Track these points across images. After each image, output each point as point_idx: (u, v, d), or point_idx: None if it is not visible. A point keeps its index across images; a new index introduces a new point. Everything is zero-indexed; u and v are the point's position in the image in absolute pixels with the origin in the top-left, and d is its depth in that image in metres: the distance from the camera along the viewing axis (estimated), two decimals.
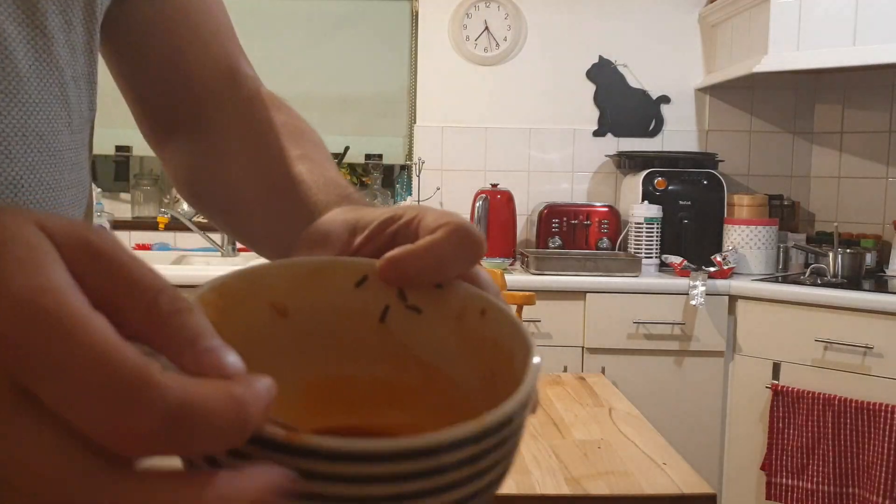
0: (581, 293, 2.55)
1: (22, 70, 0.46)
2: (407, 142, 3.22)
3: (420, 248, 0.37)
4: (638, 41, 3.16)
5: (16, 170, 0.45)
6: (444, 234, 0.37)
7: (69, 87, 0.50)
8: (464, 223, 0.38)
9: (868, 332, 2.26)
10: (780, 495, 2.36)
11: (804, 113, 3.18)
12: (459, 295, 0.37)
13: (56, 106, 0.49)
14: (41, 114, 0.47)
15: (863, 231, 2.99)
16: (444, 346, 0.37)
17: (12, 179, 0.45)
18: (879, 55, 2.46)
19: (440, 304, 0.37)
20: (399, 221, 0.41)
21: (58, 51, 0.48)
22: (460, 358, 0.36)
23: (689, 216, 2.82)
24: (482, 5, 3.13)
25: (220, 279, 0.34)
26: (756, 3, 2.72)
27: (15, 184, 0.45)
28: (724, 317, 2.55)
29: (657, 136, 3.19)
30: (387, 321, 0.37)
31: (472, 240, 0.37)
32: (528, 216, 3.16)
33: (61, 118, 0.49)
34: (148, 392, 0.24)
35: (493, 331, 0.36)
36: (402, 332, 0.37)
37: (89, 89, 0.54)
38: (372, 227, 0.41)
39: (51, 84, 0.48)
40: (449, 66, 3.16)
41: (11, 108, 0.45)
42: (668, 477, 1.01)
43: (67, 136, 0.50)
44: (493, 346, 0.35)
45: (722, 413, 2.59)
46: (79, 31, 0.51)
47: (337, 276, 0.37)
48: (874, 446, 2.19)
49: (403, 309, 0.37)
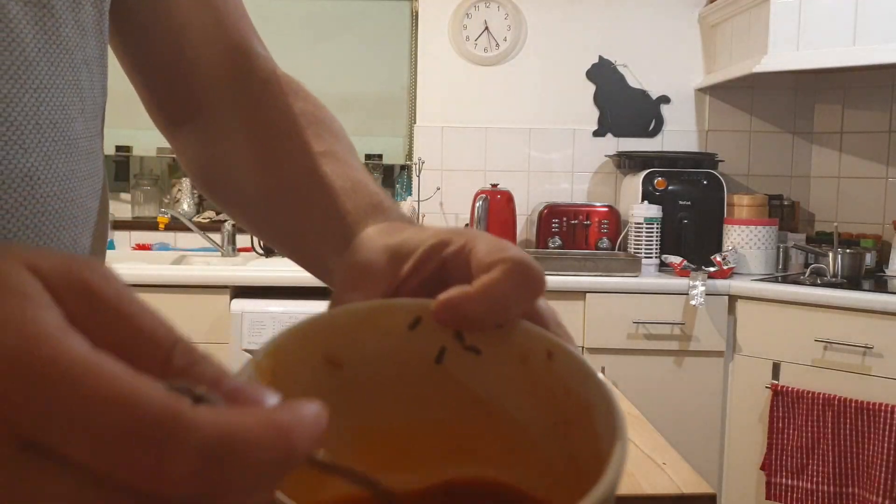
0: (581, 293, 2.55)
1: (30, 53, 0.43)
2: (407, 142, 3.22)
3: (479, 290, 0.34)
4: (638, 41, 3.16)
5: (31, 161, 0.43)
6: (503, 274, 0.34)
7: (80, 70, 0.47)
8: (523, 258, 0.35)
9: (868, 332, 2.26)
10: (780, 495, 2.36)
11: (804, 113, 3.18)
12: (522, 335, 0.35)
13: (68, 91, 0.46)
14: (53, 100, 0.45)
15: (863, 231, 2.99)
16: (507, 387, 0.35)
17: (27, 171, 0.43)
18: (879, 55, 2.46)
19: (501, 344, 0.35)
20: (447, 249, 0.38)
21: (66, 32, 0.46)
22: (526, 401, 0.35)
23: (688, 216, 2.82)
24: (482, 5, 3.13)
25: (274, 342, 0.33)
26: (756, 3, 2.72)
27: (30, 175, 0.43)
28: (724, 317, 2.55)
29: (657, 136, 3.19)
30: (444, 363, 0.35)
31: (533, 277, 0.35)
32: (528, 216, 3.16)
33: (74, 104, 0.47)
34: (180, 429, 0.22)
35: (563, 376, 0.34)
36: (460, 373, 0.35)
37: (101, 73, 0.51)
38: (418, 256, 0.39)
39: (61, 68, 0.45)
40: (449, 66, 3.16)
41: (22, 94, 0.42)
42: (668, 477, 1.01)
43: (81, 124, 0.48)
44: (564, 393, 0.34)
45: (722, 413, 2.59)
46: (87, 10, 0.48)
47: (390, 319, 0.35)
48: (874, 446, 2.19)
49: (461, 350, 0.35)
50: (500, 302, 0.34)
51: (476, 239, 0.38)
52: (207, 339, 2.53)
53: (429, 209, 3.16)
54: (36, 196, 0.43)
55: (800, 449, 2.33)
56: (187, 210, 3.16)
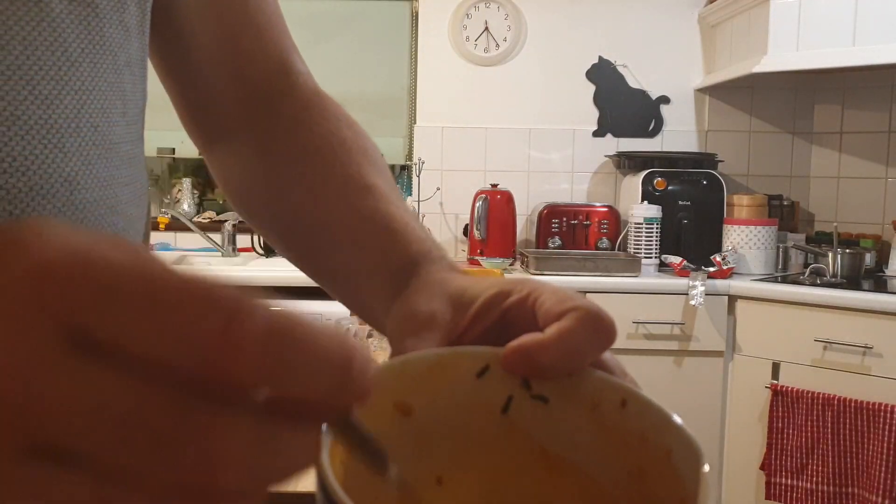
0: (581, 293, 2.55)
1: (73, 52, 0.42)
2: (407, 142, 3.22)
3: (552, 338, 0.34)
4: (638, 41, 3.16)
5: (70, 165, 0.41)
6: (575, 323, 0.35)
7: (123, 72, 0.46)
8: (594, 308, 0.35)
9: (867, 331, 2.27)
10: (780, 495, 2.36)
11: (804, 113, 3.18)
12: (592, 383, 0.35)
13: (110, 94, 0.45)
14: (94, 102, 0.43)
15: (862, 231, 2.99)
16: (576, 438, 0.35)
17: (67, 175, 0.41)
18: (879, 55, 2.46)
19: (570, 393, 0.35)
20: (509, 299, 0.39)
21: (110, 32, 0.44)
22: (597, 451, 0.35)
23: (688, 216, 2.82)
24: (482, 6, 3.13)
25: None
26: (756, 4, 2.73)
27: (70, 180, 0.41)
28: (724, 317, 2.55)
29: (657, 137, 3.19)
30: (509, 413, 0.35)
31: (606, 327, 0.35)
32: (527, 216, 3.16)
33: (115, 107, 0.45)
34: (247, 305, 0.21)
35: (637, 424, 0.34)
36: (526, 423, 0.35)
37: (142, 76, 0.50)
38: (480, 304, 0.39)
39: (104, 69, 0.44)
40: (449, 67, 3.16)
41: (63, 95, 0.41)
42: None
43: (122, 128, 0.46)
44: (640, 441, 0.34)
45: (721, 413, 2.59)
46: (132, 9, 0.47)
47: (458, 367, 0.35)
48: (874, 446, 2.20)
49: (528, 399, 0.35)
50: (573, 350, 0.34)
51: (541, 289, 0.38)
52: None
53: (429, 209, 3.16)
54: (75, 202, 0.43)
55: (799, 449, 2.33)
56: (187, 210, 3.16)
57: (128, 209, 0.47)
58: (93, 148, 0.43)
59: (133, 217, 0.48)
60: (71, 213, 0.42)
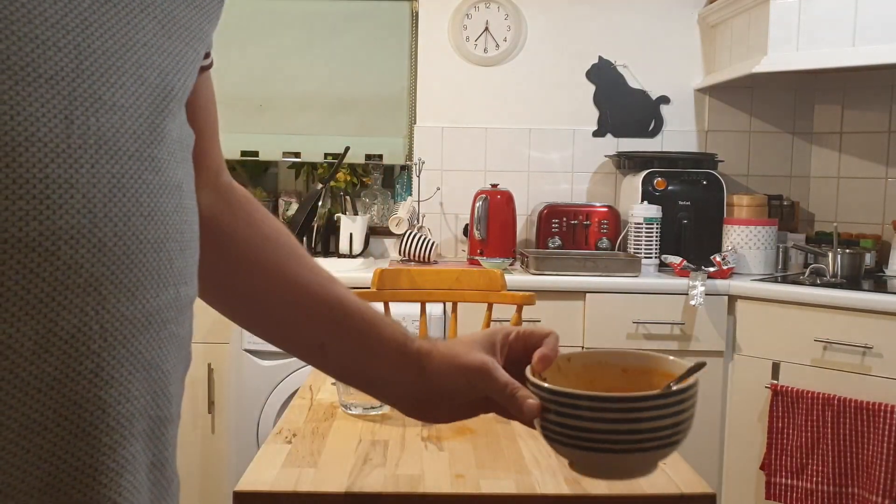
0: (581, 293, 2.56)
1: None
2: (407, 142, 3.22)
3: (552, 350, 0.69)
4: (638, 41, 3.16)
5: (178, 174, 0.57)
6: (553, 339, 0.70)
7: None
8: (552, 330, 0.72)
9: (867, 331, 2.27)
10: (780, 495, 2.36)
11: (804, 113, 3.18)
12: (610, 357, 0.74)
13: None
14: (189, 136, 0.61)
15: (862, 231, 2.99)
16: (617, 378, 0.73)
17: (177, 182, 0.56)
18: (879, 56, 2.46)
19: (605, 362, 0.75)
20: (510, 337, 0.72)
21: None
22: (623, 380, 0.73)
23: (688, 216, 2.82)
24: (482, 6, 3.13)
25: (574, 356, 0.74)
26: (756, 4, 2.73)
27: (179, 186, 0.56)
28: (724, 317, 2.55)
29: (657, 137, 3.19)
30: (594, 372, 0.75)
31: (557, 336, 0.72)
32: (527, 216, 3.17)
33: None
34: None
35: (647, 364, 0.72)
36: (604, 378, 0.74)
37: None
38: (500, 347, 0.71)
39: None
40: (449, 67, 3.17)
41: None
42: (668, 477, 1.01)
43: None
44: (660, 374, 0.71)
45: (721, 413, 2.59)
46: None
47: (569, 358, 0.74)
48: (873, 446, 2.20)
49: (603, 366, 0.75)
50: (557, 350, 0.69)
51: (513, 329, 0.73)
52: (207, 340, 2.53)
53: (429, 209, 3.16)
54: (182, 205, 0.56)
55: (799, 449, 2.33)
56: None
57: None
58: (189, 164, 0.60)
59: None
60: (179, 215, 0.56)
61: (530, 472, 1.03)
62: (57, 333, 0.47)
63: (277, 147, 3.16)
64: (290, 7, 3.16)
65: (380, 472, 1.02)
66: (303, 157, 3.19)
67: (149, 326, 0.53)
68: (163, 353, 0.55)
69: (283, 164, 3.28)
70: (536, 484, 0.99)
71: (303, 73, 3.17)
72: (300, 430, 1.20)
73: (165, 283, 0.54)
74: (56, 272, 0.46)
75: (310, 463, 1.05)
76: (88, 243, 0.48)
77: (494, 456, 1.09)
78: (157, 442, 0.56)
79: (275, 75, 3.14)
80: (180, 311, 0.57)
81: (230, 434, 2.55)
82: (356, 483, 0.98)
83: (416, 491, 0.97)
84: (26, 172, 0.45)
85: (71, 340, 0.47)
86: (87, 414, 0.49)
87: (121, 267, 0.50)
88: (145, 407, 0.53)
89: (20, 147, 0.45)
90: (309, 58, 3.17)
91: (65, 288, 0.47)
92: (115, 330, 0.50)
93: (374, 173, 3.28)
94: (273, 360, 2.48)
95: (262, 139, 3.16)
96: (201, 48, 0.60)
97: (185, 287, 0.57)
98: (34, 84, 0.46)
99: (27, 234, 0.45)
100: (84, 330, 0.48)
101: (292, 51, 3.16)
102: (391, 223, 3.00)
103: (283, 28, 3.15)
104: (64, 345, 0.47)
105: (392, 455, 1.09)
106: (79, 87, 0.48)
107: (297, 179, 3.30)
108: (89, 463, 0.49)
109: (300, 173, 3.28)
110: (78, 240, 0.47)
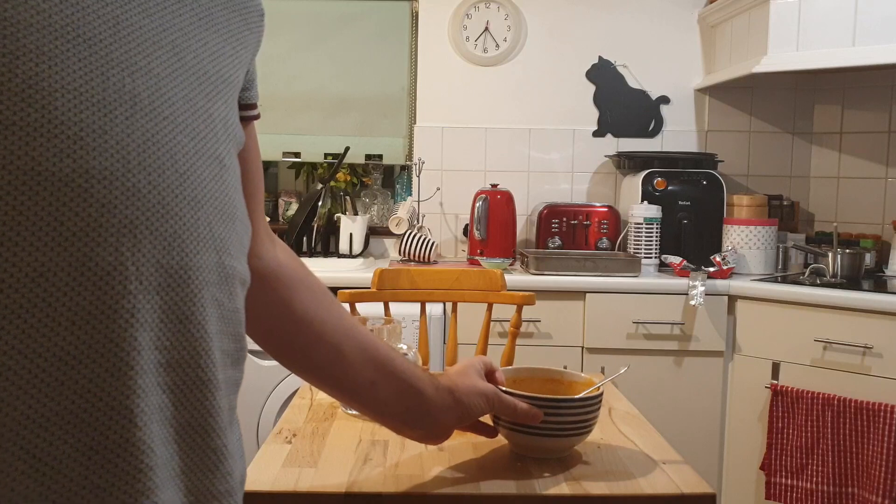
0: (581, 293, 2.56)
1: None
2: (407, 142, 3.22)
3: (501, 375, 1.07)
4: (638, 41, 3.16)
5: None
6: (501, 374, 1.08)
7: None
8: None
9: (867, 332, 2.27)
10: (780, 495, 2.36)
11: (803, 113, 3.18)
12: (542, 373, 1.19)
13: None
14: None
15: (862, 231, 2.99)
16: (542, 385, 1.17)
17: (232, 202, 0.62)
18: (879, 56, 2.46)
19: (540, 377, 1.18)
20: (486, 368, 1.05)
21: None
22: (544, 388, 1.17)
23: (688, 216, 2.82)
24: (482, 6, 3.13)
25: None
26: (756, 4, 2.73)
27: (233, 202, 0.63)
28: (724, 317, 2.55)
29: (657, 137, 3.19)
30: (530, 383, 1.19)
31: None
32: (527, 216, 3.17)
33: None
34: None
35: (555, 377, 1.17)
36: (535, 386, 1.18)
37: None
38: (482, 371, 1.05)
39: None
40: (449, 67, 3.17)
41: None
42: (668, 477, 1.01)
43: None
44: (565, 385, 1.16)
45: (721, 413, 2.59)
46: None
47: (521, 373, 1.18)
48: (873, 446, 2.20)
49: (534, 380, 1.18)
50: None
51: (480, 361, 1.06)
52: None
53: (429, 209, 3.16)
54: (223, 178, 0.60)
55: (799, 449, 2.33)
56: None
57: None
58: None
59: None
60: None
61: (530, 472, 1.03)
62: (91, 269, 0.49)
63: (277, 147, 3.16)
64: (290, 7, 3.16)
65: (380, 472, 1.02)
66: (303, 157, 3.19)
67: (188, 281, 0.54)
68: (204, 313, 0.56)
69: (283, 164, 3.28)
70: (536, 484, 0.99)
71: (303, 73, 3.17)
72: (300, 430, 1.20)
73: (205, 244, 0.56)
74: (90, 209, 0.48)
75: (310, 463, 1.05)
76: (123, 186, 0.50)
77: (494, 456, 1.09)
78: (196, 403, 0.56)
79: (275, 75, 3.14)
80: (225, 280, 0.59)
81: None
82: (356, 483, 0.98)
83: (416, 491, 0.97)
84: (62, 115, 0.48)
85: (107, 277, 0.49)
86: (124, 353, 0.50)
87: (156, 215, 0.52)
88: (179, 361, 0.54)
89: (56, 93, 0.47)
90: (309, 58, 3.17)
91: (98, 225, 0.49)
92: (152, 276, 0.52)
93: (374, 173, 3.28)
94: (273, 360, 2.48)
95: (262, 139, 3.16)
96: (242, 52, 0.64)
97: (228, 258, 0.59)
98: (72, 42, 0.48)
99: (61, 170, 0.48)
100: (120, 269, 0.50)
101: (292, 51, 3.16)
102: (391, 223, 3.00)
103: (283, 27, 3.15)
104: (99, 280, 0.49)
105: (392, 455, 1.09)
106: (115, 52, 0.51)
107: (297, 179, 3.31)
108: (124, 403, 0.50)
109: (300, 173, 3.28)
110: (112, 181, 0.49)
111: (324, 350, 0.86)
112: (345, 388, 0.90)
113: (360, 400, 0.92)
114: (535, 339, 2.56)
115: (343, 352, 0.87)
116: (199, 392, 0.56)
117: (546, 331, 2.56)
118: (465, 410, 0.97)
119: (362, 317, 1.37)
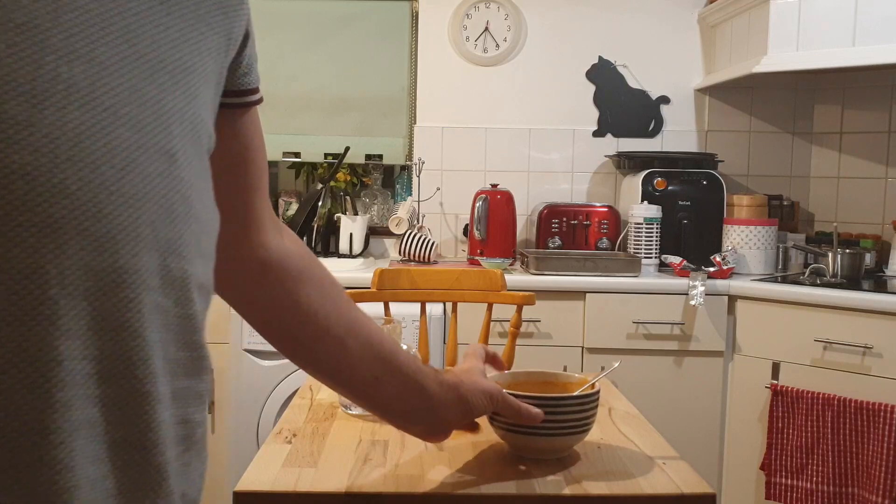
0: (581, 293, 2.56)
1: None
2: (407, 142, 3.22)
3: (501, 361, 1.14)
4: (638, 41, 3.16)
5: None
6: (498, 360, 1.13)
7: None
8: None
9: (867, 332, 2.27)
10: (780, 495, 2.36)
11: (803, 113, 3.18)
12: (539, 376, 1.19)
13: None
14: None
15: (862, 231, 2.99)
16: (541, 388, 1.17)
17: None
18: (879, 56, 2.46)
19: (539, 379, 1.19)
20: (487, 356, 1.11)
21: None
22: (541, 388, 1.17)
23: (688, 216, 2.82)
24: (482, 6, 3.13)
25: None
26: (756, 4, 2.73)
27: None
28: (724, 317, 2.55)
29: (657, 137, 3.19)
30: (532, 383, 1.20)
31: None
32: (527, 216, 3.17)
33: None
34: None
35: (555, 378, 1.18)
36: (534, 388, 1.18)
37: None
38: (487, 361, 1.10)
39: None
40: (449, 67, 3.17)
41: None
42: (668, 477, 1.01)
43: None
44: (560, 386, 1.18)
45: (721, 413, 2.59)
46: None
47: (519, 376, 1.19)
48: (873, 446, 2.20)
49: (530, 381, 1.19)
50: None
51: (483, 349, 1.10)
52: (206, 340, 2.53)
53: (429, 209, 3.16)
54: (171, 173, 0.55)
55: (799, 449, 2.33)
56: None
57: None
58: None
59: None
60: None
61: (530, 472, 1.03)
62: (7, 270, 0.45)
63: (277, 147, 3.16)
64: (290, 7, 3.16)
65: (380, 471, 1.02)
66: (303, 157, 3.19)
67: (123, 286, 0.50)
68: (141, 320, 0.52)
69: (283, 163, 3.28)
70: (536, 484, 0.99)
71: (303, 73, 3.17)
72: (300, 430, 1.20)
73: (145, 245, 0.52)
74: (7, 206, 0.45)
75: (310, 463, 1.05)
76: (48, 183, 0.47)
77: (494, 456, 1.09)
78: (132, 417, 0.52)
79: (275, 75, 3.14)
80: (170, 285, 0.54)
81: (230, 434, 2.55)
82: (356, 483, 0.98)
83: (416, 491, 0.97)
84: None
85: (23, 281, 0.46)
86: (40, 364, 0.46)
87: (85, 214, 0.48)
88: (111, 372, 0.50)
89: None
90: (309, 58, 3.17)
91: (17, 224, 0.45)
92: (79, 280, 0.48)
93: (374, 173, 3.28)
94: (273, 360, 2.48)
95: None
96: (213, 37, 0.59)
97: (177, 260, 0.55)
98: (1, 28, 0.45)
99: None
100: (39, 272, 0.46)
101: (292, 51, 3.16)
102: (391, 223, 3.00)
103: (283, 27, 3.15)
104: (15, 284, 0.46)
105: (392, 455, 1.09)
106: (52, 38, 0.47)
107: (297, 179, 3.31)
108: (38, 419, 0.46)
109: (300, 173, 3.28)
110: (35, 178, 0.46)
111: (328, 344, 0.85)
112: (347, 382, 0.90)
113: (363, 395, 0.91)
114: (535, 339, 2.56)
115: (347, 346, 0.86)
116: (136, 405, 0.52)
117: (546, 331, 2.56)
118: (468, 408, 0.96)
119: None
